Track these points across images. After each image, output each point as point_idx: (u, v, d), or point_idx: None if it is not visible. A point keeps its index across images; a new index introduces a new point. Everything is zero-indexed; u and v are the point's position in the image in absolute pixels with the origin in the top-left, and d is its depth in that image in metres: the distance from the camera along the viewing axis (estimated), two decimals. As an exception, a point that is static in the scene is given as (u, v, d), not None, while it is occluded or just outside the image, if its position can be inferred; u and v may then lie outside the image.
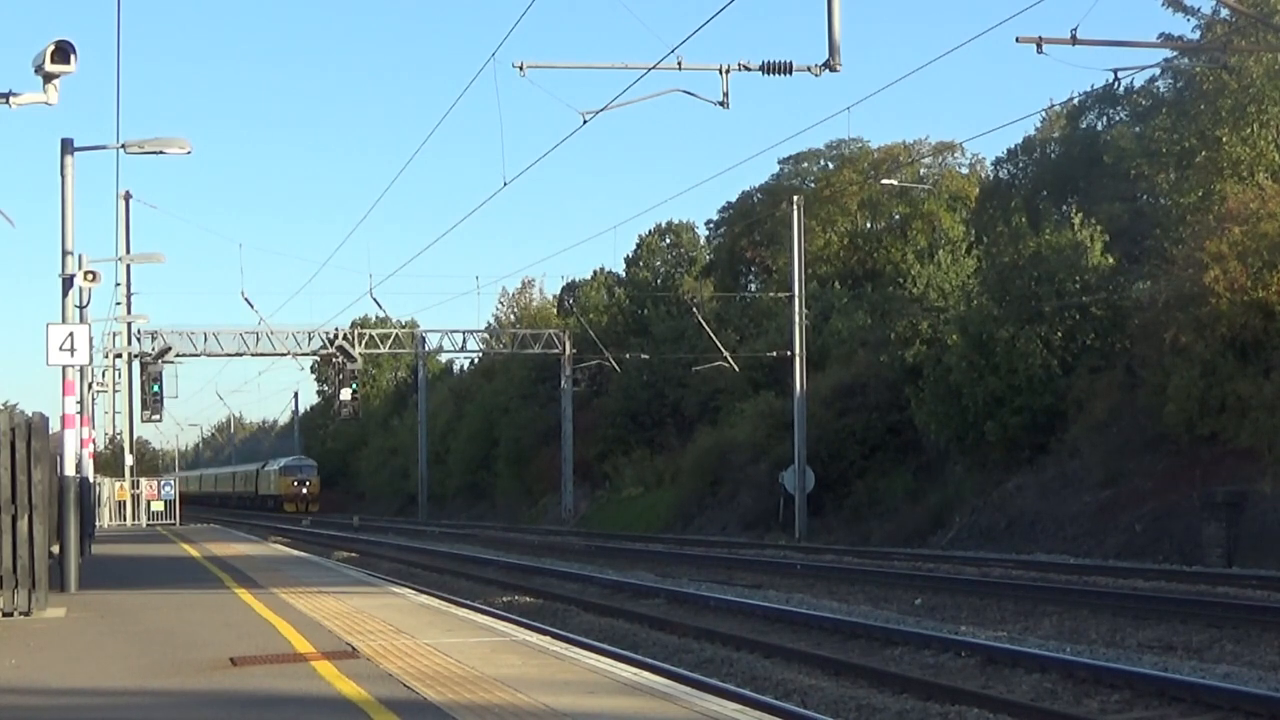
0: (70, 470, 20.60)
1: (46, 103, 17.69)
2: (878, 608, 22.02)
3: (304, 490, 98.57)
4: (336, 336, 60.32)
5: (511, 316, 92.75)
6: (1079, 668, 14.28)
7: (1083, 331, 39.40)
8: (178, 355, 59.29)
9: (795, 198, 50.42)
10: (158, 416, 55.92)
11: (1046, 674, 14.32)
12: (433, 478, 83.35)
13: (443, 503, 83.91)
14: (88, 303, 27.64)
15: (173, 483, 61.37)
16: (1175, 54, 37.72)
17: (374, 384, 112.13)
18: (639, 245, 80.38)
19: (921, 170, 65.30)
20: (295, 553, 34.24)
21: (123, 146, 23.84)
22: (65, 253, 21.60)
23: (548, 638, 14.61)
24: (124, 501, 55.87)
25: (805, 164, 70.10)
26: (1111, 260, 40.99)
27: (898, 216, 63.04)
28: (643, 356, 62.59)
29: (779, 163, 70.94)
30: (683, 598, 23.89)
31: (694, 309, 56.89)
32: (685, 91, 25.54)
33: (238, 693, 10.53)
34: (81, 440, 25.01)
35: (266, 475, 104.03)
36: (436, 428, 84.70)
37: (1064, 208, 49.53)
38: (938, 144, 64.80)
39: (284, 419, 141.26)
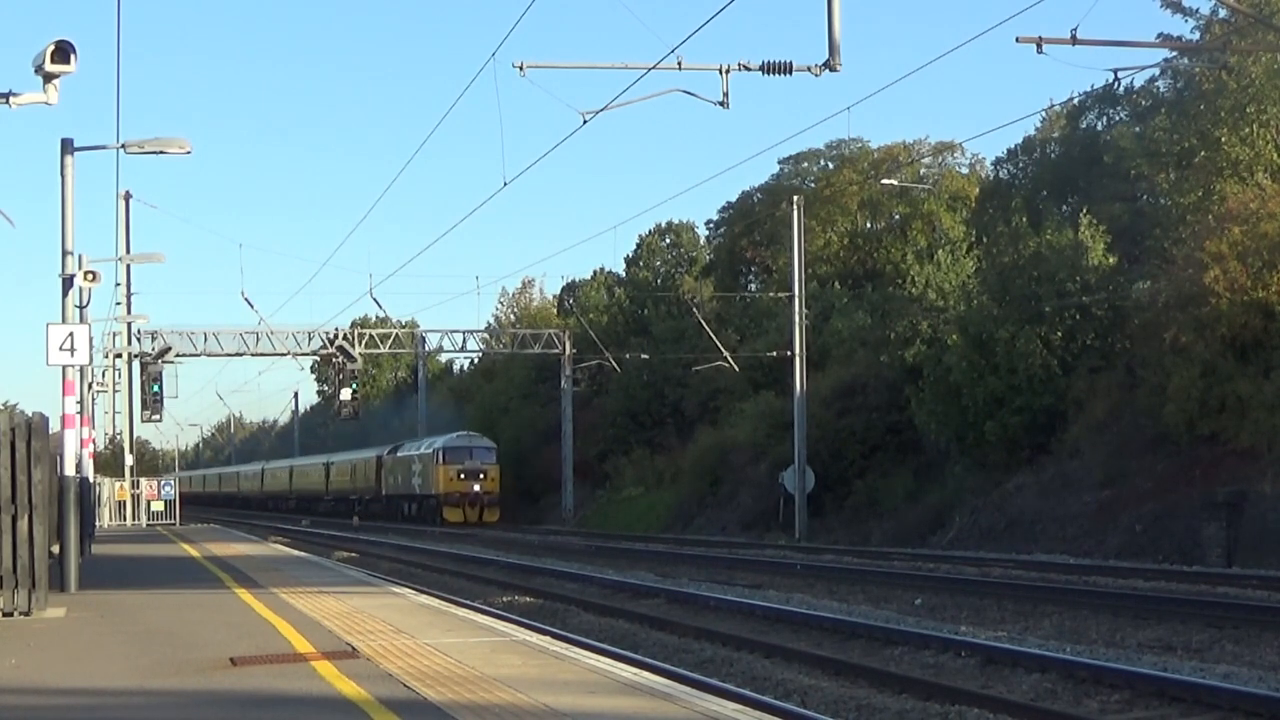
0: (70, 470, 20.60)
1: (46, 103, 17.70)
2: (878, 608, 22.01)
3: (477, 486, 63.94)
4: (336, 336, 60.38)
5: (511, 316, 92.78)
6: (1079, 668, 14.28)
7: (1083, 331, 39.41)
8: (178, 355, 59.35)
9: (795, 198, 50.43)
10: (158, 416, 55.99)
11: (1046, 674, 14.31)
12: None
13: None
14: (88, 303, 27.64)
15: (173, 482, 61.35)
16: (1175, 54, 37.76)
17: (374, 384, 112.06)
18: (639, 245, 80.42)
19: (921, 170, 65.31)
20: (295, 553, 34.24)
21: (123, 146, 23.85)
22: (65, 253, 21.60)
23: (548, 638, 14.61)
24: (124, 501, 55.87)
25: (805, 164, 70.12)
26: (1112, 260, 41.02)
27: (898, 216, 63.06)
28: (643, 356, 62.61)
29: (779, 163, 71.05)
30: (683, 598, 23.88)
31: (694, 309, 56.91)
32: (685, 91, 25.58)
33: (238, 693, 10.53)
34: (81, 440, 25.01)
35: (404, 464, 70.95)
36: (437, 428, 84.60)
37: (1064, 208, 49.56)
38: (938, 144, 64.83)
39: (284, 419, 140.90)
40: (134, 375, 57.13)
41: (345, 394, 58.76)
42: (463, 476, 63.87)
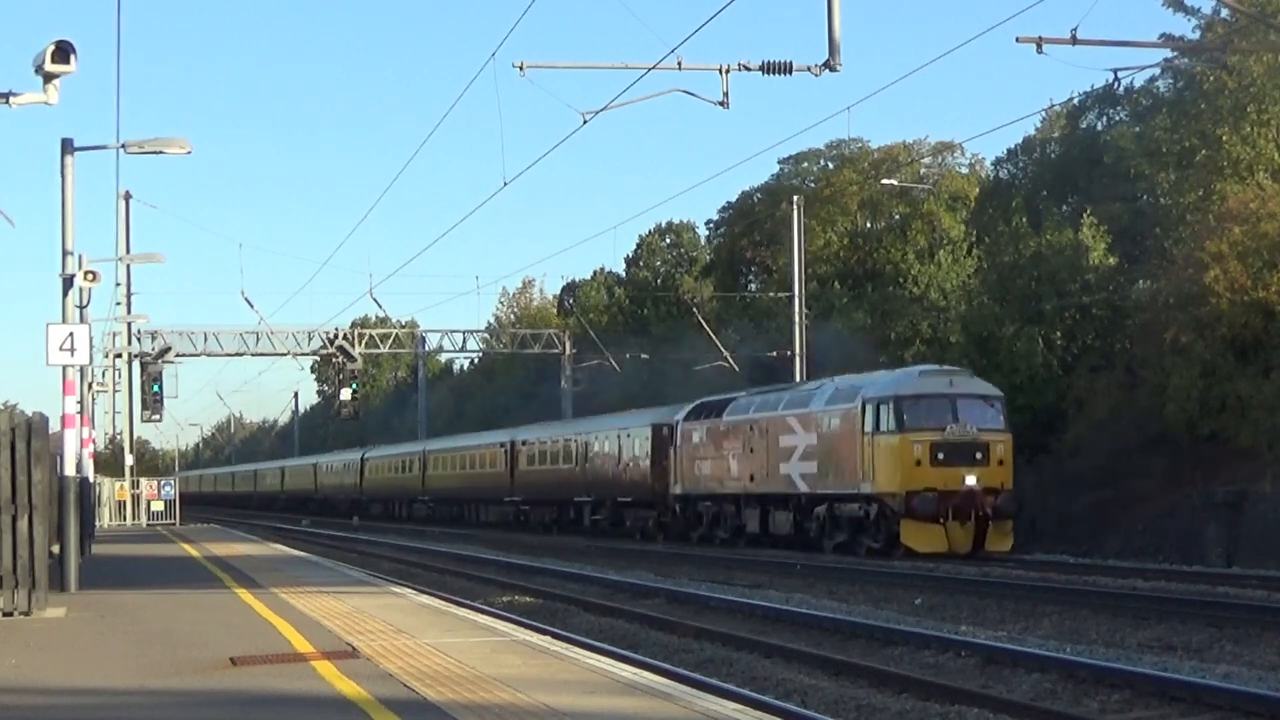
0: (70, 470, 20.60)
1: (46, 103, 17.71)
2: (878, 608, 22.00)
3: (972, 478, 30.88)
4: (336, 336, 60.42)
5: (511, 316, 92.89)
6: (1079, 668, 14.28)
7: (1083, 331, 39.46)
8: (178, 355, 59.40)
9: (795, 198, 50.43)
10: (158, 416, 56.00)
11: (1046, 674, 14.31)
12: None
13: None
14: (88, 303, 27.61)
15: (174, 482, 61.35)
16: (1175, 54, 37.76)
17: (374, 384, 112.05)
18: (639, 245, 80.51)
19: (921, 170, 65.29)
20: (295, 553, 34.23)
21: (123, 146, 23.88)
22: (65, 253, 21.61)
23: (548, 638, 14.61)
24: (124, 501, 55.87)
25: (805, 164, 70.10)
26: (1112, 260, 41.06)
27: (898, 216, 63.05)
28: (643, 356, 62.63)
29: (779, 163, 71.01)
30: (683, 598, 23.88)
31: (694, 309, 56.95)
32: (685, 91, 25.64)
33: (238, 692, 10.53)
34: (81, 440, 25.01)
35: (749, 433, 37.71)
36: (436, 428, 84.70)
37: (1064, 208, 49.59)
38: (938, 144, 64.81)
39: (284, 419, 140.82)
40: (134, 375, 57.13)
41: (345, 394, 58.81)
42: (941, 457, 31.20)
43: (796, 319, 47.34)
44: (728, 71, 24.90)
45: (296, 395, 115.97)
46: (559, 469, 51.56)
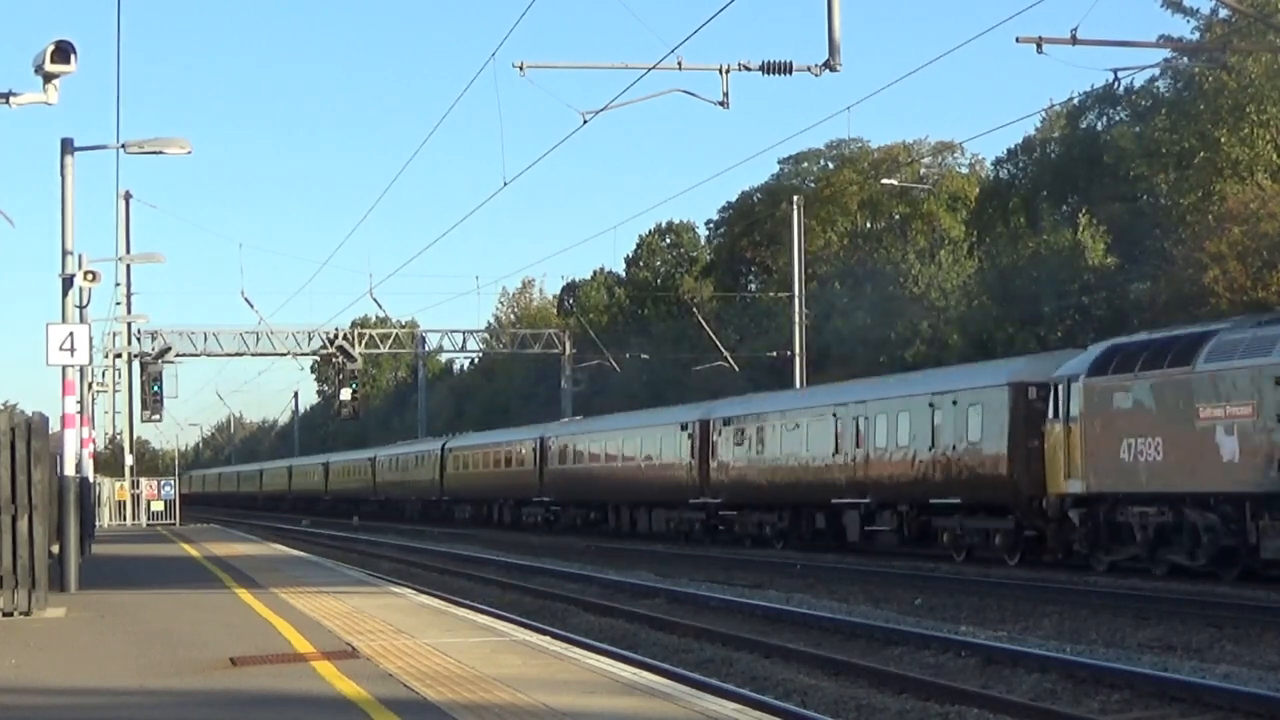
0: (70, 470, 20.60)
1: (46, 103, 17.72)
2: (878, 608, 21.99)
3: None
4: (336, 336, 60.49)
5: (511, 316, 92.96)
6: (1079, 668, 14.28)
7: (1083, 331, 39.43)
8: (178, 355, 59.49)
9: (795, 198, 50.48)
10: (158, 416, 56.03)
11: (1046, 674, 14.30)
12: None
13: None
14: (88, 303, 27.53)
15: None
16: (1175, 54, 37.82)
17: (374, 384, 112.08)
18: (639, 245, 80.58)
19: (921, 170, 65.35)
20: (295, 553, 34.24)
21: (123, 146, 23.89)
22: (65, 253, 21.61)
23: (548, 638, 14.61)
24: (124, 501, 55.88)
25: (805, 164, 70.18)
26: (1112, 260, 41.08)
27: (898, 216, 63.09)
28: (643, 356, 62.66)
29: (779, 163, 71.11)
30: (683, 598, 23.88)
31: (694, 309, 57.00)
32: (685, 91, 25.64)
33: (238, 692, 10.54)
34: (81, 440, 25.00)
35: None
36: (436, 428, 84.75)
37: (1064, 208, 49.63)
38: (938, 144, 64.88)
39: (284, 419, 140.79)
40: (134, 375, 57.13)
41: (345, 394, 58.83)
42: None
43: (796, 319, 47.37)
44: (728, 71, 24.91)
45: (296, 395, 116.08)
46: (800, 458, 36.20)
